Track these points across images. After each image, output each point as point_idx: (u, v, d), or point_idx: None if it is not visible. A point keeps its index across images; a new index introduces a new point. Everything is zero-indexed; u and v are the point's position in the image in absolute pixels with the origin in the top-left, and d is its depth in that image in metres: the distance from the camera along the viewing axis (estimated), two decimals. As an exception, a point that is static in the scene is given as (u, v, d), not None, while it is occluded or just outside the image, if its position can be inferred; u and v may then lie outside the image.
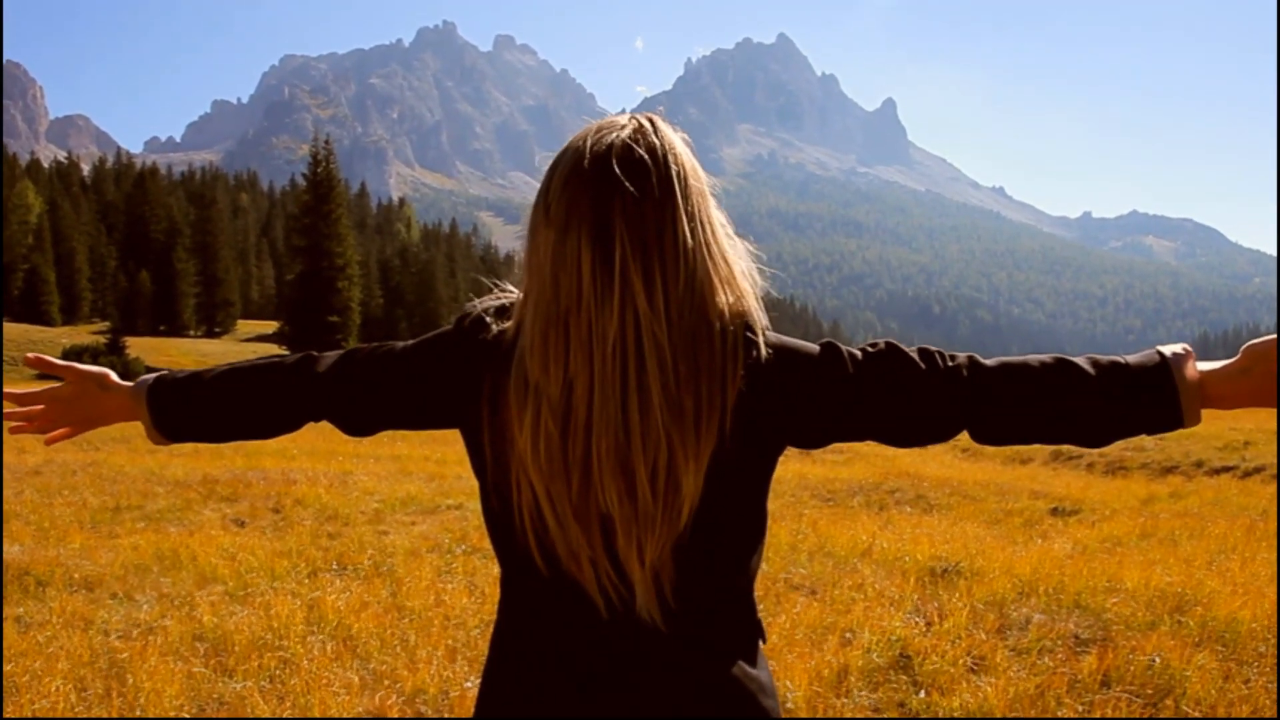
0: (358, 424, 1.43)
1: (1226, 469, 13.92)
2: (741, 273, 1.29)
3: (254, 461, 13.26)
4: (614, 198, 1.22)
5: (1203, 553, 7.16)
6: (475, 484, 1.36)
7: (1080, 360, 1.28)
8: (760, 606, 1.40)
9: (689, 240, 1.24)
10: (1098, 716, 4.00)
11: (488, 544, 7.58)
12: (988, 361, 1.30)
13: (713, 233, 1.28)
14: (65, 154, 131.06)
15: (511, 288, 1.37)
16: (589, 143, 1.26)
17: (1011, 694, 4.14)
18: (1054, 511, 9.90)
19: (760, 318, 1.28)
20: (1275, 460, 13.66)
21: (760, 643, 1.38)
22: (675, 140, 1.29)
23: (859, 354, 1.31)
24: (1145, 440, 16.18)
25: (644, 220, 1.22)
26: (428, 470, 12.80)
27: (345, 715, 3.90)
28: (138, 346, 59.58)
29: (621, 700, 1.27)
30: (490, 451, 1.30)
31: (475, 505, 9.81)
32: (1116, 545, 7.65)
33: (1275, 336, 1.25)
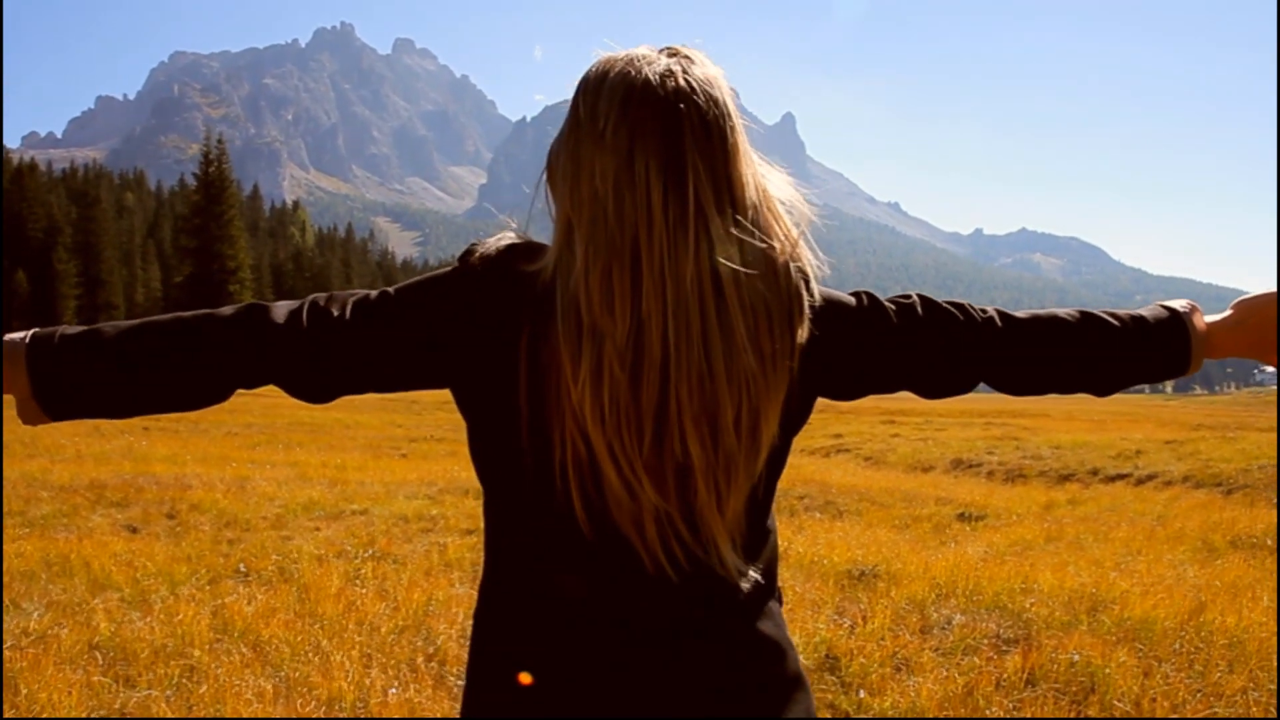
0: (325, 383, 1.19)
1: (1121, 476, 14.36)
2: (787, 210, 1.22)
3: (143, 467, 12.68)
4: (684, 125, 1.13)
5: (1110, 555, 7.33)
6: (379, 490, 1.21)
7: (1102, 314, 1.34)
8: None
9: (751, 175, 1.18)
10: (1028, 716, 4.02)
11: (396, 549, 7.39)
12: (1018, 313, 1.33)
13: (760, 171, 1.21)
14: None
15: (515, 227, 1.25)
16: (639, 68, 1.16)
17: (941, 694, 4.14)
18: (961, 517, 10.04)
19: (811, 260, 1.22)
20: (1165, 469, 14.16)
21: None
22: (720, 75, 1.20)
23: (894, 305, 1.29)
24: (1042, 448, 16.68)
25: (713, 151, 1.14)
26: (328, 475, 12.40)
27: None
28: (15, 349, 57.06)
29: (683, 659, 1.19)
30: (527, 408, 1.15)
31: (381, 510, 9.57)
32: (1026, 548, 7.78)
33: (1268, 291, 1.35)
